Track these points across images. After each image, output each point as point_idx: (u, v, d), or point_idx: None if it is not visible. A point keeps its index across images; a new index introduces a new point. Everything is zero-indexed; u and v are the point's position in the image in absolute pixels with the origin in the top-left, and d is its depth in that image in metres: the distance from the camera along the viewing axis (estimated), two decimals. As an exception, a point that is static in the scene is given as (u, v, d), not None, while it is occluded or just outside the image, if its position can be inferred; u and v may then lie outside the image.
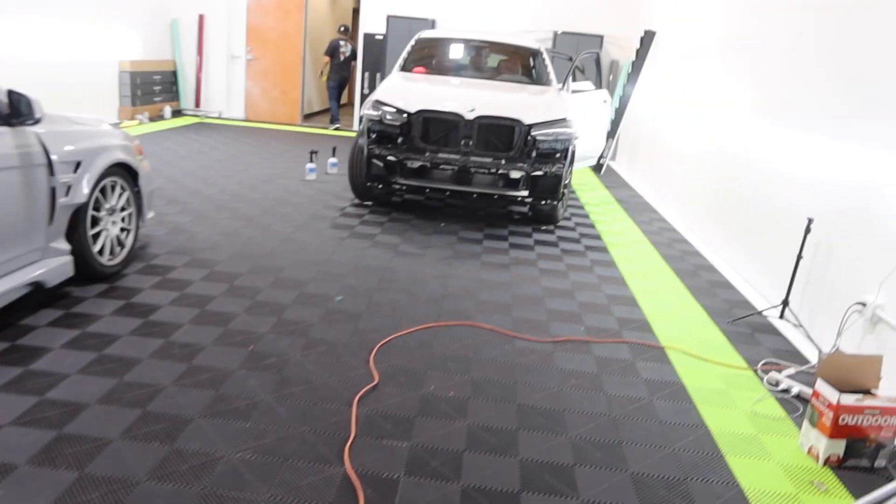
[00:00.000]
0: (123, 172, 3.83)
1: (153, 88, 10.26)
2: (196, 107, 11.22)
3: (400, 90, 5.87)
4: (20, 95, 2.95)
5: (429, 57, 7.02)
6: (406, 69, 6.74)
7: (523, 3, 10.56)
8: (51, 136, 3.24)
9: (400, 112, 5.46)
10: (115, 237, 3.82)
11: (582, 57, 7.45)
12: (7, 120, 2.96)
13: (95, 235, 3.63)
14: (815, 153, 4.09)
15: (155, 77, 10.28)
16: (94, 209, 3.60)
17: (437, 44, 7.19)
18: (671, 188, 7.11)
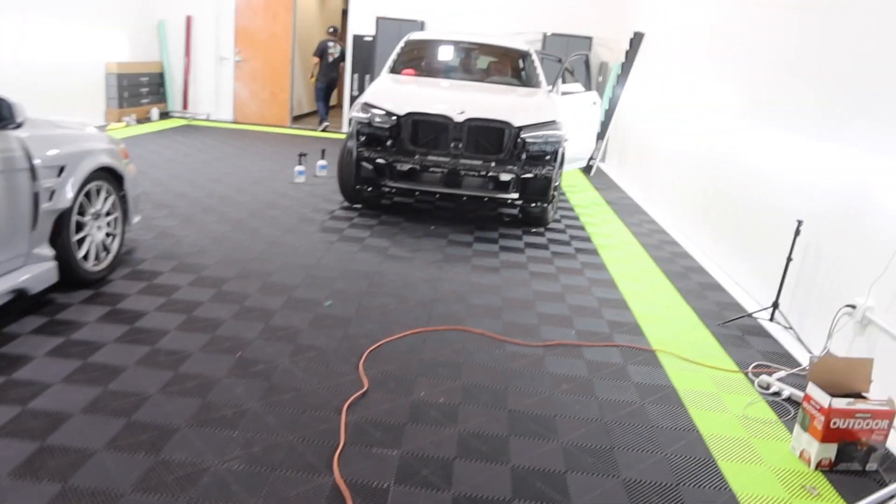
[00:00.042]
0: (108, 176, 3.78)
1: (140, 90, 10.17)
2: (184, 109, 11.13)
3: (389, 92, 5.84)
4: (1, 99, 2.90)
5: (418, 59, 7.00)
6: (395, 71, 6.70)
7: (513, 5, 10.56)
8: (34, 140, 3.19)
9: (389, 114, 5.43)
10: (100, 242, 3.76)
11: (571, 59, 7.45)
12: (-12, 124, 2.91)
13: (80, 241, 3.57)
14: (804, 154, 4.10)
15: (142, 79, 10.19)
16: (79, 214, 3.55)
17: (426, 45, 7.16)
18: (660, 189, 7.12)
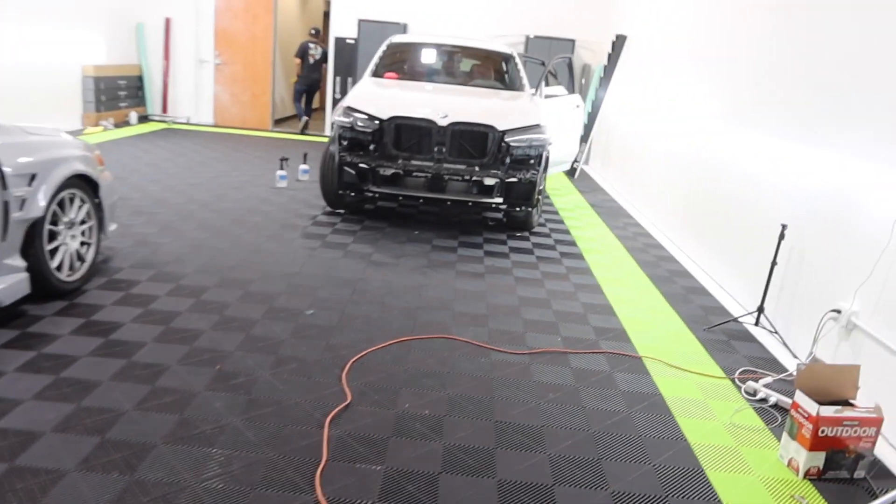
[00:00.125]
0: (83, 184, 3.68)
1: (118, 94, 10.01)
2: (163, 112, 10.98)
3: (371, 96, 5.78)
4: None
5: (400, 62, 6.94)
6: (377, 74, 6.64)
7: (495, 7, 10.54)
8: (3, 147, 3.10)
9: (372, 119, 5.37)
10: (74, 252, 3.66)
11: (554, 62, 7.44)
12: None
13: (53, 250, 3.47)
14: (788, 158, 4.10)
15: (120, 82, 10.03)
16: (52, 223, 3.45)
17: (408, 48, 7.10)
18: (644, 192, 7.12)
